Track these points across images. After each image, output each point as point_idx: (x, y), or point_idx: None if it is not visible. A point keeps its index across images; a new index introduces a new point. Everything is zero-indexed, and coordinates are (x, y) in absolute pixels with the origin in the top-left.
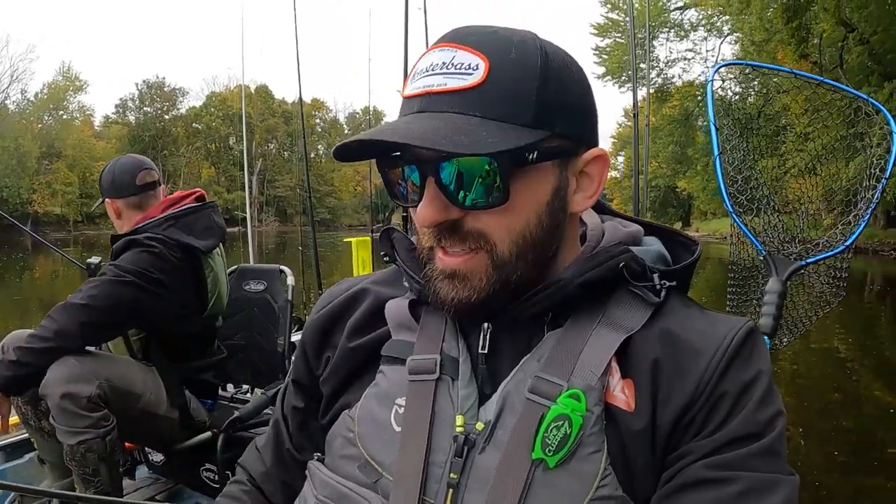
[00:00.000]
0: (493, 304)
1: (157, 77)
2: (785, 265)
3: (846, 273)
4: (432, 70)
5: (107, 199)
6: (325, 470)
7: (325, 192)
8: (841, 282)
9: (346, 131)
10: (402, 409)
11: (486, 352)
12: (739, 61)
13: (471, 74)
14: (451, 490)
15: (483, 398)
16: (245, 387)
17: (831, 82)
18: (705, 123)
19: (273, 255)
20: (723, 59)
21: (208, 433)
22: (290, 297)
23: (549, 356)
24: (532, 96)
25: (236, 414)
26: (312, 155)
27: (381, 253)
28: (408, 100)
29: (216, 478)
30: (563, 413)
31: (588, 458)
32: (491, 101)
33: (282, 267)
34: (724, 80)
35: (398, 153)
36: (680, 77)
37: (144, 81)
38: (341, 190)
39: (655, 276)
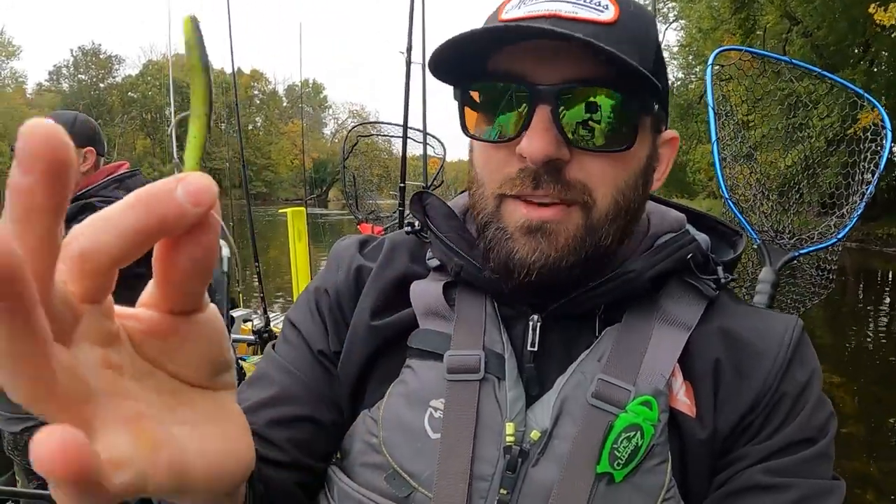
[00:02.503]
0: (578, 274)
1: (93, 44)
2: (778, 255)
3: (836, 265)
4: None
5: (85, 149)
6: (344, 478)
7: (261, 165)
8: (830, 273)
9: (284, 104)
10: (439, 412)
11: (535, 349)
12: (739, 47)
13: (602, 12)
14: None
15: (529, 400)
16: None
17: (830, 75)
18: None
19: None
20: (666, 45)
21: None
22: (226, 269)
23: (610, 356)
24: (653, 50)
25: None
26: (250, 127)
27: (406, 223)
28: (522, 21)
29: None
30: (635, 423)
31: (654, 470)
32: (623, 41)
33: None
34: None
35: (490, 78)
36: None
37: (80, 48)
38: (278, 163)
39: (719, 268)
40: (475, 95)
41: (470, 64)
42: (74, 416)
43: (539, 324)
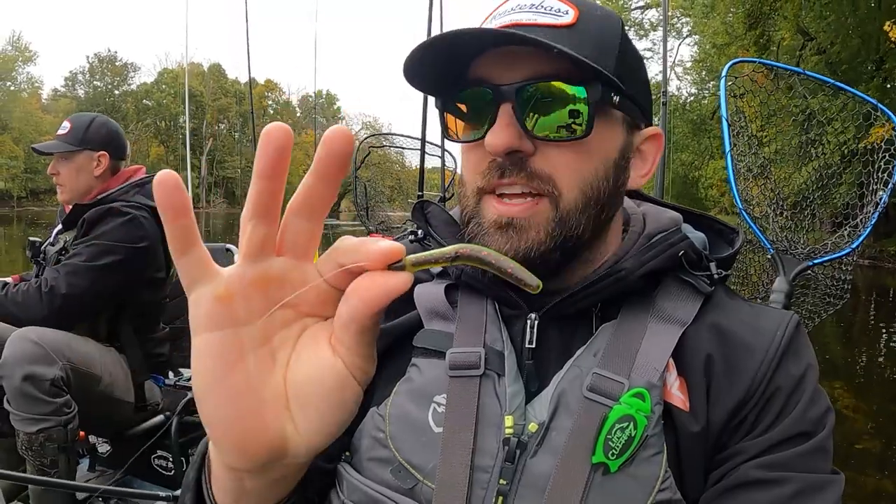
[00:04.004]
0: (553, 265)
1: (109, 51)
2: (792, 265)
3: (850, 275)
4: (520, 9)
5: (98, 152)
6: (353, 473)
7: None
8: (845, 284)
9: (297, 114)
10: (442, 407)
11: (533, 346)
12: (753, 59)
13: (561, 17)
14: (500, 498)
15: (529, 395)
16: (187, 373)
17: (845, 87)
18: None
19: (222, 239)
20: (680, 61)
21: (161, 416)
22: None
23: (605, 351)
24: (615, 49)
25: (189, 395)
26: None
27: (409, 231)
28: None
29: (169, 465)
30: (628, 414)
31: (649, 461)
32: (580, 42)
33: (228, 245)
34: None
35: (465, 84)
36: None
37: (96, 55)
38: (291, 173)
39: (712, 264)
40: (456, 103)
41: (450, 75)
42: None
43: (537, 322)
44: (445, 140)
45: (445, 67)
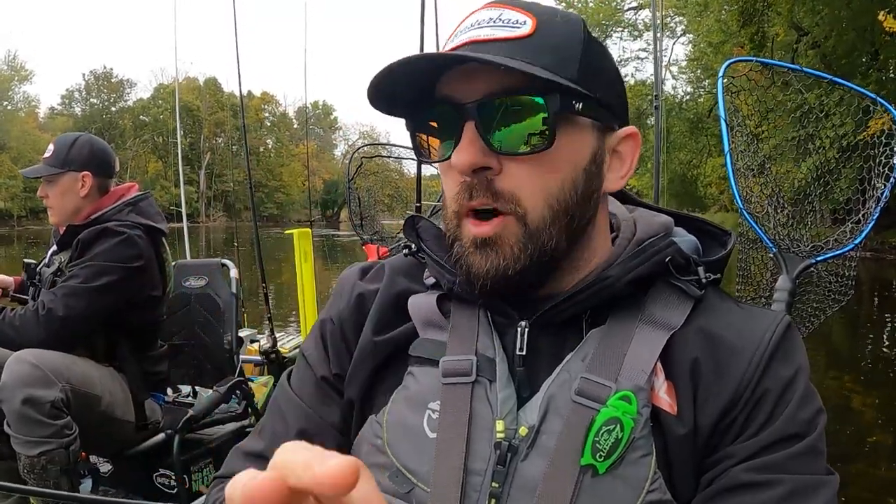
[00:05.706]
0: (533, 277)
1: (105, 68)
2: (795, 263)
3: (854, 271)
4: (479, 24)
5: (82, 173)
6: None
7: (273, 187)
8: (849, 280)
9: (294, 126)
10: (437, 414)
11: (523, 353)
12: (749, 58)
13: (518, 28)
14: (493, 500)
15: (521, 401)
16: (186, 390)
17: (843, 81)
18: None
19: (222, 252)
20: (675, 60)
21: (162, 435)
22: (234, 291)
23: (593, 356)
24: (577, 55)
25: (190, 413)
26: (261, 149)
27: (402, 245)
28: (447, 52)
29: (172, 483)
30: (615, 416)
31: (637, 463)
32: (538, 51)
33: (223, 260)
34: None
35: (432, 104)
36: (633, 76)
37: (91, 72)
38: (290, 185)
39: (700, 269)
40: (427, 123)
41: (419, 95)
42: None
43: (527, 329)
44: (424, 161)
45: (414, 88)
